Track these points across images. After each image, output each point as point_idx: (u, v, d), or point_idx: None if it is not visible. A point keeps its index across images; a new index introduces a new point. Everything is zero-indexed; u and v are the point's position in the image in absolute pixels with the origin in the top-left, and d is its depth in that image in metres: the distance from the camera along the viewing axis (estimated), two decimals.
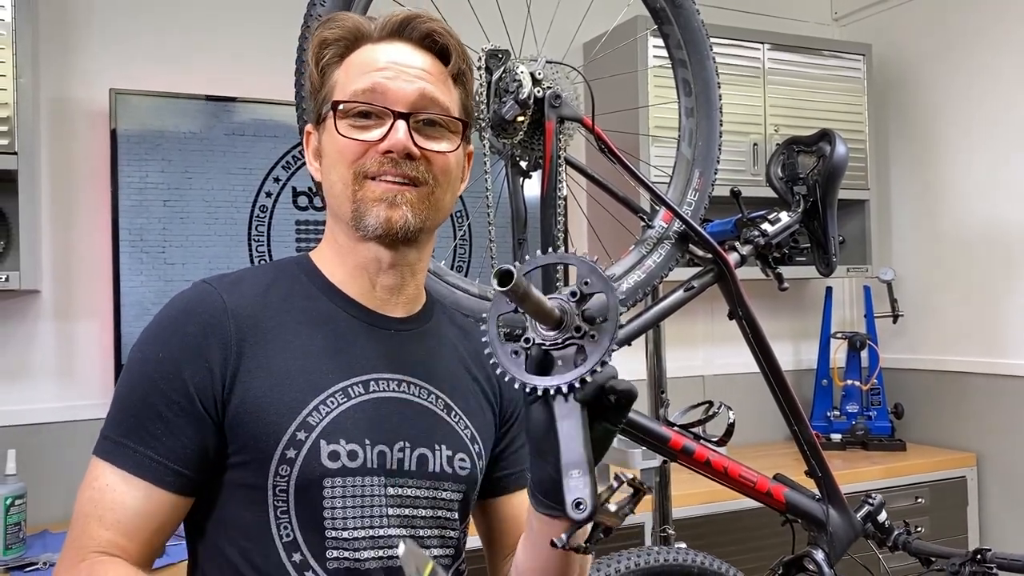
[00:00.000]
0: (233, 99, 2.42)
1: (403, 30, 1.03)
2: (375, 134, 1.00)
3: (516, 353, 0.85)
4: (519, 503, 1.15)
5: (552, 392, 0.83)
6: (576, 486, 0.81)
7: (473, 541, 1.16)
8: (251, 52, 2.53)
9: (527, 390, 0.84)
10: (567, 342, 0.83)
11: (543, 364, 0.85)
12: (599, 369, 0.82)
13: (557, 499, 0.85)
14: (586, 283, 0.84)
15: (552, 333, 0.83)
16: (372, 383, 1.02)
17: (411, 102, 1.00)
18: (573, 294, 0.84)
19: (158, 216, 2.32)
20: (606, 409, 0.85)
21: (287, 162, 2.46)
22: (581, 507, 0.79)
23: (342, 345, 1.02)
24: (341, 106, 1.00)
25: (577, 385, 0.82)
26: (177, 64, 2.46)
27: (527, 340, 0.85)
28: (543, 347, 0.84)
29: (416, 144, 0.99)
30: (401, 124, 0.99)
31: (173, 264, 2.33)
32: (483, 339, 0.86)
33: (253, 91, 2.45)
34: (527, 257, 0.90)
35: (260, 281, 1.05)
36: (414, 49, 1.03)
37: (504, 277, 0.75)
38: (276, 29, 2.51)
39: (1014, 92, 2.92)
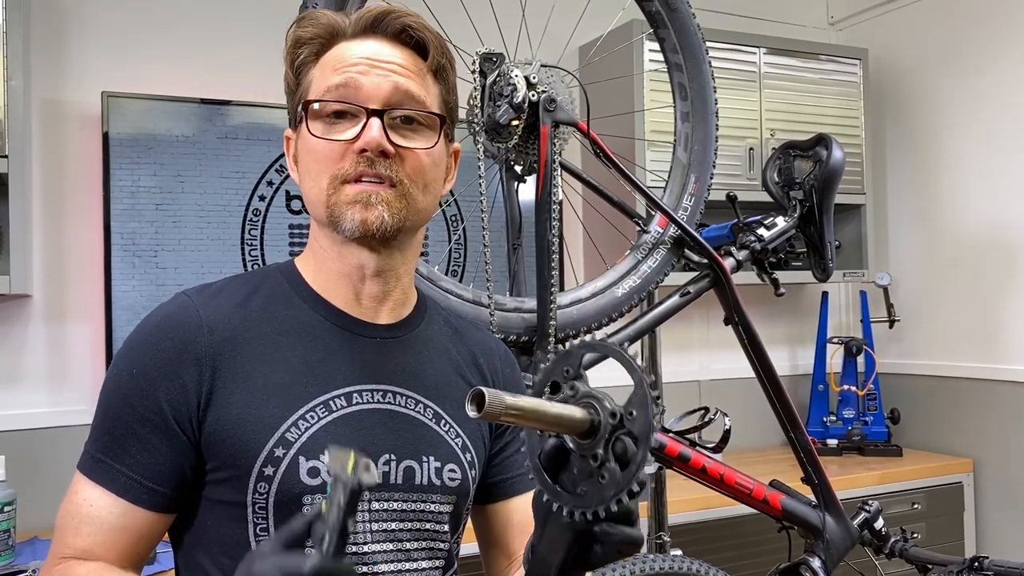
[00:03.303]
0: (226, 102, 2.40)
1: (377, 25, 0.99)
2: (348, 134, 0.96)
3: (541, 433, 0.79)
4: (515, 509, 1.13)
5: (544, 499, 0.78)
6: None
7: (467, 548, 1.15)
8: (245, 55, 2.52)
9: (529, 476, 0.80)
10: (583, 455, 0.76)
11: (560, 456, 0.79)
12: (589, 517, 0.74)
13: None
14: (631, 415, 0.74)
15: (579, 440, 0.76)
16: (355, 395, 0.99)
17: (384, 97, 0.97)
18: (613, 415, 0.74)
19: (150, 220, 2.31)
20: (603, 541, 0.80)
21: (280, 166, 2.45)
22: None
23: (323, 356, 0.99)
24: (314, 105, 0.97)
25: (564, 516, 0.76)
26: (170, 67, 2.45)
27: (542, 441, 0.79)
28: (562, 445, 0.78)
29: (391, 142, 0.96)
30: (375, 121, 0.95)
31: (165, 268, 2.31)
32: (488, 342, 0.82)
33: (246, 94, 2.43)
34: (582, 338, 0.82)
35: (241, 291, 1.02)
36: (390, 44, 0.99)
37: (477, 399, 0.67)
38: (270, 31, 2.49)
39: (1011, 96, 2.92)
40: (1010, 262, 2.93)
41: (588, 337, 0.78)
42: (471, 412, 0.67)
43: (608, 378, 0.90)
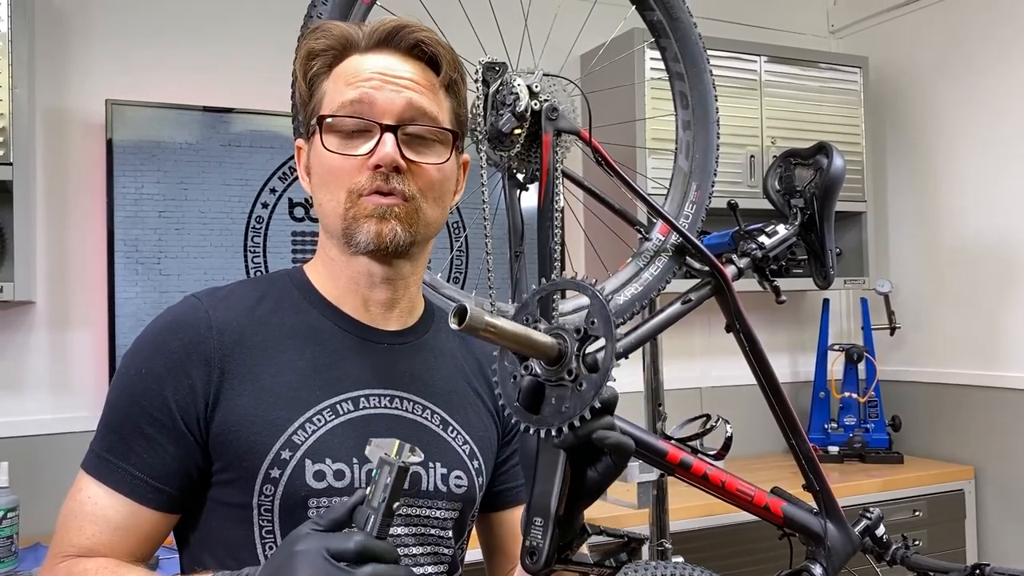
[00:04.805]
0: (229, 110, 2.41)
1: (391, 40, 1.00)
2: (363, 149, 0.97)
3: (515, 378, 0.82)
4: (519, 518, 1.13)
5: (531, 431, 0.81)
6: (535, 535, 0.82)
7: (471, 555, 1.15)
8: (248, 63, 2.53)
9: (512, 419, 0.82)
10: (559, 381, 0.80)
11: (537, 394, 0.82)
12: (576, 423, 0.78)
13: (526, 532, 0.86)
14: (592, 323, 0.79)
15: (550, 368, 0.80)
16: (362, 399, 1.00)
17: (398, 113, 0.98)
18: (577, 331, 0.80)
19: (153, 227, 2.32)
20: (597, 458, 0.83)
21: (283, 173, 2.46)
22: (534, 557, 0.80)
23: (332, 360, 1.00)
24: (328, 120, 0.98)
25: (553, 433, 0.79)
26: (173, 75, 2.46)
27: (526, 367, 0.82)
28: (538, 379, 0.81)
29: (404, 157, 0.97)
30: (389, 137, 0.97)
31: (168, 275, 2.32)
32: (493, 351, 0.83)
33: (249, 102, 2.44)
34: (540, 282, 0.86)
35: (250, 295, 1.03)
36: (403, 59, 1.01)
37: (459, 314, 0.70)
38: (273, 40, 2.51)
39: (1011, 103, 2.93)
40: (1011, 269, 2.93)
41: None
42: (453, 324, 0.70)
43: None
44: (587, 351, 0.79)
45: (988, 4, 2.99)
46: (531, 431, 0.80)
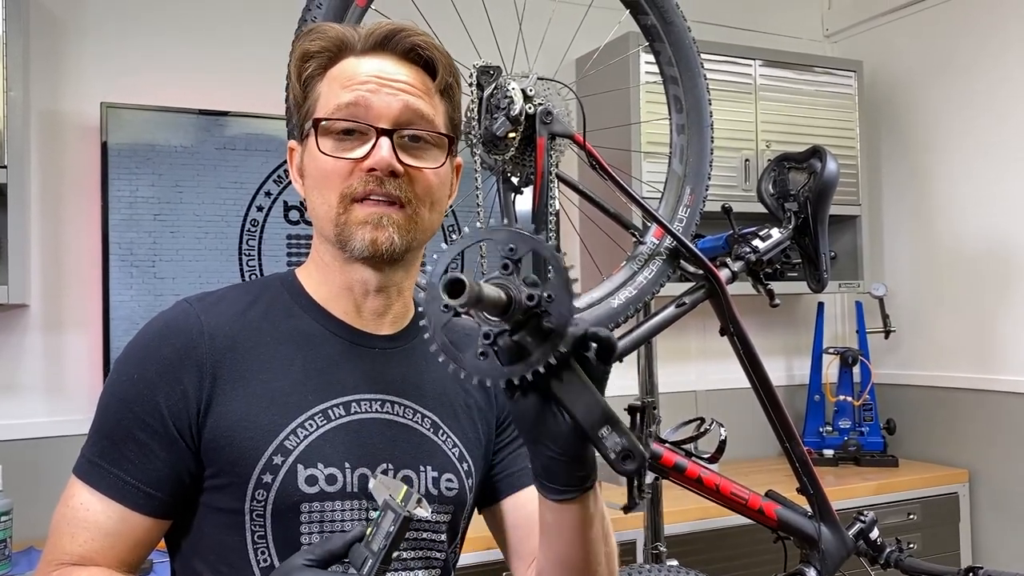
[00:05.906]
0: (225, 113, 2.41)
1: (387, 43, 1.00)
2: (358, 152, 0.97)
3: (483, 355, 0.78)
4: (522, 504, 1.10)
5: (543, 370, 0.76)
6: (615, 441, 0.78)
7: (466, 559, 1.14)
8: (243, 66, 2.53)
9: (517, 382, 0.78)
10: (524, 322, 0.76)
11: (515, 351, 0.78)
12: (573, 328, 0.75)
13: (567, 480, 0.84)
14: (511, 248, 0.75)
15: (501, 317, 0.75)
16: (354, 404, 1.00)
17: (394, 116, 0.97)
18: (505, 267, 0.75)
19: (148, 230, 2.31)
20: (586, 364, 0.80)
21: (278, 176, 2.46)
22: (630, 459, 0.77)
23: (323, 365, 1.00)
24: (323, 123, 0.98)
25: (562, 349, 0.76)
26: (168, 77, 2.46)
27: (487, 336, 0.77)
28: (505, 333, 0.76)
29: (400, 161, 0.97)
30: (385, 141, 0.96)
31: (163, 278, 2.32)
32: (440, 359, 0.78)
33: (245, 105, 2.44)
34: (447, 244, 0.77)
35: (242, 299, 1.03)
36: (398, 62, 1.00)
37: (455, 287, 0.67)
38: (268, 43, 2.51)
39: (1006, 107, 2.94)
40: (1006, 272, 2.94)
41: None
42: (447, 299, 0.67)
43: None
44: (524, 276, 0.76)
45: (983, 9, 3.00)
46: (541, 369, 0.77)
